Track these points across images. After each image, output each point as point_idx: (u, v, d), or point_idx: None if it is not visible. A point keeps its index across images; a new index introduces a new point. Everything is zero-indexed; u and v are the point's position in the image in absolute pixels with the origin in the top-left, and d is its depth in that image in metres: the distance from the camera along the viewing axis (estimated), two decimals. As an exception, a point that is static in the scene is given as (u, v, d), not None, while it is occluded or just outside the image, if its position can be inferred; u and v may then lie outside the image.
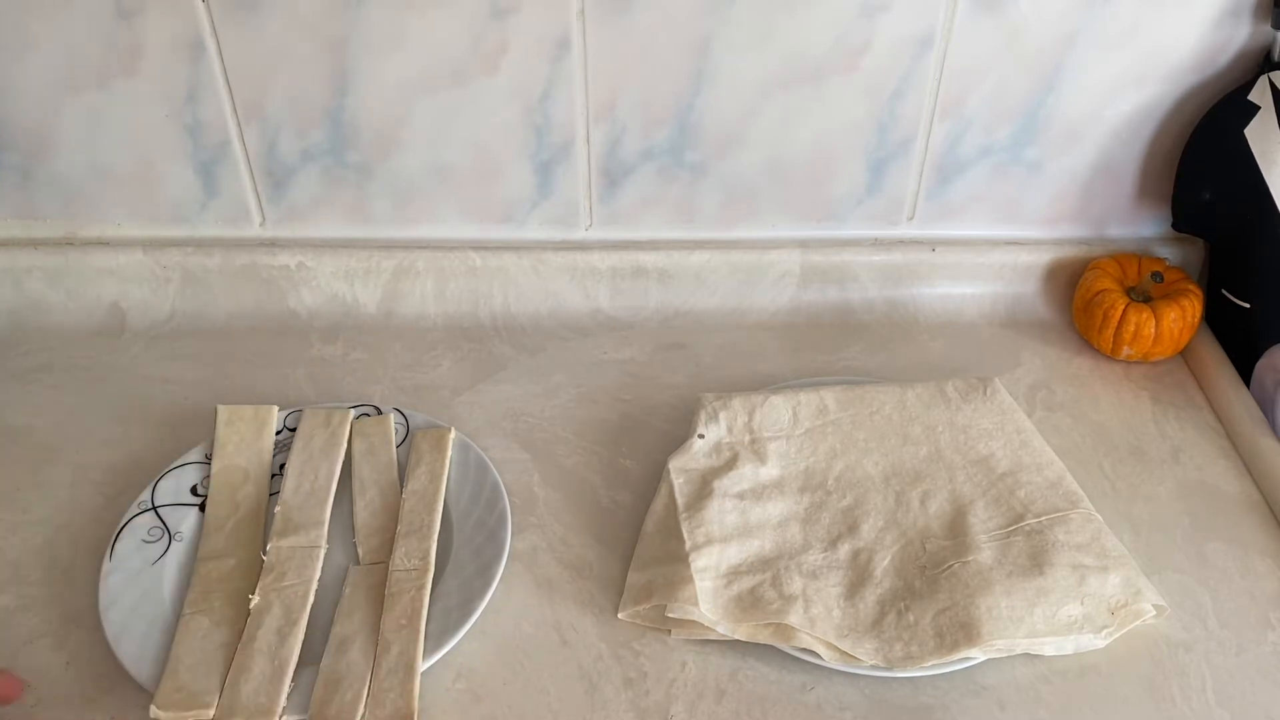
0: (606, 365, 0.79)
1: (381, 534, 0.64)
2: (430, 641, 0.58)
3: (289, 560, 0.62)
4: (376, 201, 0.82)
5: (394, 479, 0.68)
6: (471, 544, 0.64)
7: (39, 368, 0.78)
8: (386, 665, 0.57)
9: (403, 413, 0.72)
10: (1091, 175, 0.81)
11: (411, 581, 0.61)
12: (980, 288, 0.85)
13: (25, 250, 0.82)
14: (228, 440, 0.69)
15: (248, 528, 0.64)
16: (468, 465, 0.69)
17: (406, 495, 0.66)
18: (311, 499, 0.66)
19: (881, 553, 0.62)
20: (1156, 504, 0.68)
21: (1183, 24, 0.73)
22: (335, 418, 0.71)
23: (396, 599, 0.60)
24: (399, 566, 0.62)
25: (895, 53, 0.74)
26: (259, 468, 0.68)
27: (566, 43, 0.73)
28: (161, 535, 0.64)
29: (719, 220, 0.83)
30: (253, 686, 0.55)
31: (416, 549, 0.63)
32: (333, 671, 0.56)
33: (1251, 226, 0.74)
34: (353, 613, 0.60)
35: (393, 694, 0.55)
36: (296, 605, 0.60)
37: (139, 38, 0.73)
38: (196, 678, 0.56)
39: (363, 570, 0.62)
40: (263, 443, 0.69)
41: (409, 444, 0.70)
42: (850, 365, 0.79)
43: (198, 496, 0.67)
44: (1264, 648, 0.59)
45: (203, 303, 0.83)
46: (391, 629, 0.58)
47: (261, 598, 0.60)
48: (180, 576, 0.62)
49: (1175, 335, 0.76)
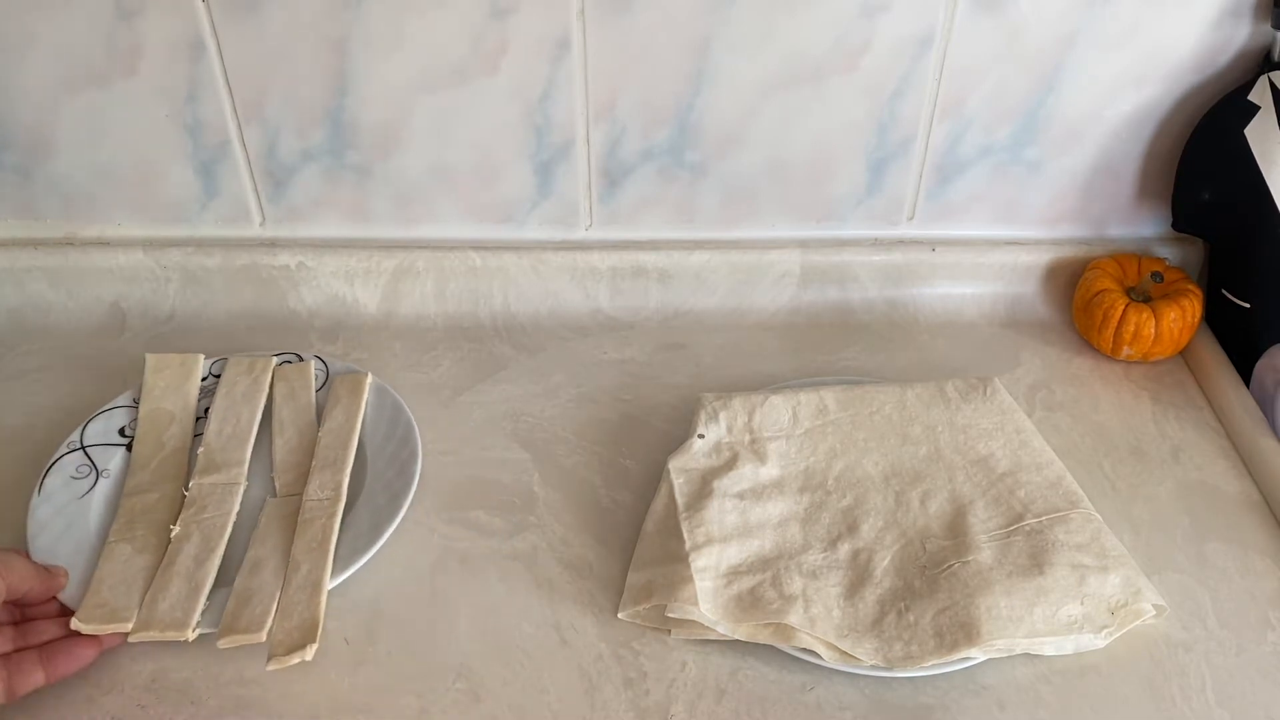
0: (606, 365, 0.79)
1: (298, 469, 0.68)
2: (339, 563, 0.62)
3: (210, 495, 0.66)
4: (376, 201, 0.82)
5: (312, 419, 0.71)
6: (383, 477, 0.67)
7: (39, 368, 0.78)
8: (295, 583, 0.60)
9: (323, 360, 0.75)
10: (1091, 175, 0.81)
11: (323, 510, 0.64)
12: (980, 288, 0.85)
13: (25, 250, 0.82)
14: (155, 385, 0.72)
15: (172, 465, 0.68)
16: (383, 407, 0.72)
17: (323, 433, 0.70)
18: (233, 440, 0.69)
19: (881, 552, 0.62)
20: (1156, 504, 0.68)
21: (1183, 24, 0.73)
22: (258, 365, 0.74)
23: (308, 525, 0.63)
24: (312, 497, 0.65)
25: (895, 53, 0.74)
26: (185, 410, 0.71)
27: (566, 43, 0.73)
28: (89, 472, 0.67)
29: (719, 220, 0.83)
30: (169, 603, 0.59)
31: (330, 481, 0.66)
32: (245, 589, 0.60)
33: (1251, 226, 0.74)
34: (267, 539, 0.63)
35: (300, 607, 0.59)
36: (215, 535, 0.63)
37: (139, 38, 0.73)
38: (117, 596, 0.59)
39: (279, 502, 0.66)
40: (189, 387, 0.73)
41: (328, 388, 0.73)
42: (850, 365, 0.79)
43: (125, 437, 0.70)
44: (1264, 648, 0.59)
45: (203, 303, 0.83)
46: (302, 551, 0.62)
47: (182, 528, 0.63)
48: (106, 510, 0.66)
49: (1175, 335, 0.76)
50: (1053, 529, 0.62)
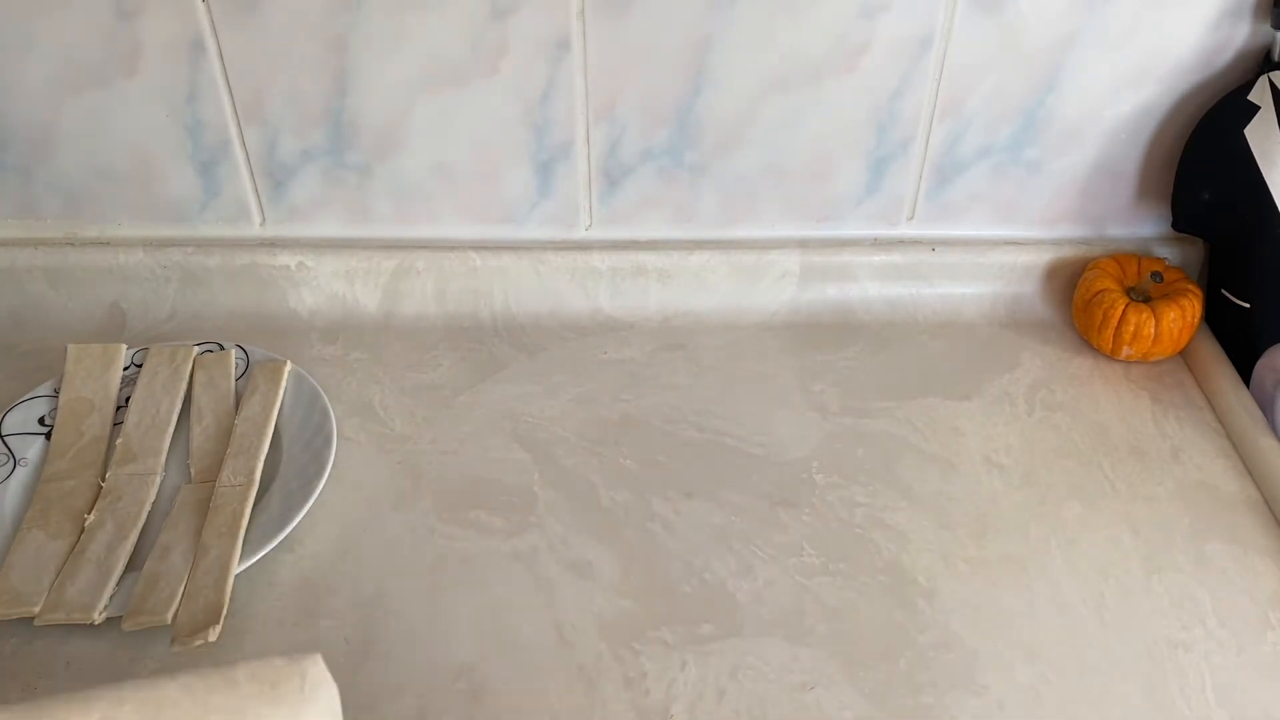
0: (606, 365, 0.79)
1: (213, 456, 0.69)
2: (249, 547, 0.62)
3: (126, 485, 0.66)
4: (376, 201, 0.82)
5: (230, 407, 0.72)
6: (297, 463, 0.68)
7: (39, 368, 0.78)
8: (203, 566, 0.61)
9: (244, 348, 0.76)
10: (1091, 175, 0.81)
11: (235, 495, 0.65)
12: (980, 288, 0.85)
13: (25, 250, 0.82)
14: (75, 375, 0.73)
15: (90, 454, 0.68)
16: (301, 394, 0.73)
17: (239, 421, 0.71)
18: (152, 430, 0.70)
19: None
20: (1156, 504, 0.68)
21: (1183, 24, 0.73)
22: (179, 354, 0.75)
23: (219, 511, 0.64)
24: (225, 483, 0.66)
25: (895, 53, 0.74)
26: (105, 400, 0.72)
27: (566, 43, 0.73)
28: (7, 460, 0.69)
29: (719, 220, 0.83)
30: (78, 588, 0.60)
31: (243, 467, 0.67)
32: (153, 573, 0.61)
33: (1251, 226, 0.74)
34: (178, 524, 0.64)
35: (206, 590, 0.59)
36: (129, 523, 0.64)
37: (139, 38, 0.73)
38: (26, 581, 0.60)
39: (192, 488, 0.67)
40: (110, 377, 0.73)
41: (248, 376, 0.74)
42: (850, 365, 0.79)
43: (45, 426, 0.71)
44: (1264, 648, 0.59)
45: (203, 303, 0.83)
46: (212, 536, 0.63)
47: (96, 517, 0.64)
48: (23, 497, 0.66)
49: (1175, 335, 0.76)
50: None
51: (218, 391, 0.73)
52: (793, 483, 0.70)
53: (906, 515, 0.67)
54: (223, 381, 0.73)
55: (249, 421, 0.70)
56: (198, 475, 0.68)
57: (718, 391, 0.76)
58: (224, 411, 0.72)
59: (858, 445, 0.72)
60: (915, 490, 0.69)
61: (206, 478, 0.67)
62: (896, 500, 0.68)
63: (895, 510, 0.68)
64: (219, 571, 0.60)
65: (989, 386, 0.77)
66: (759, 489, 0.69)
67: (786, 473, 0.70)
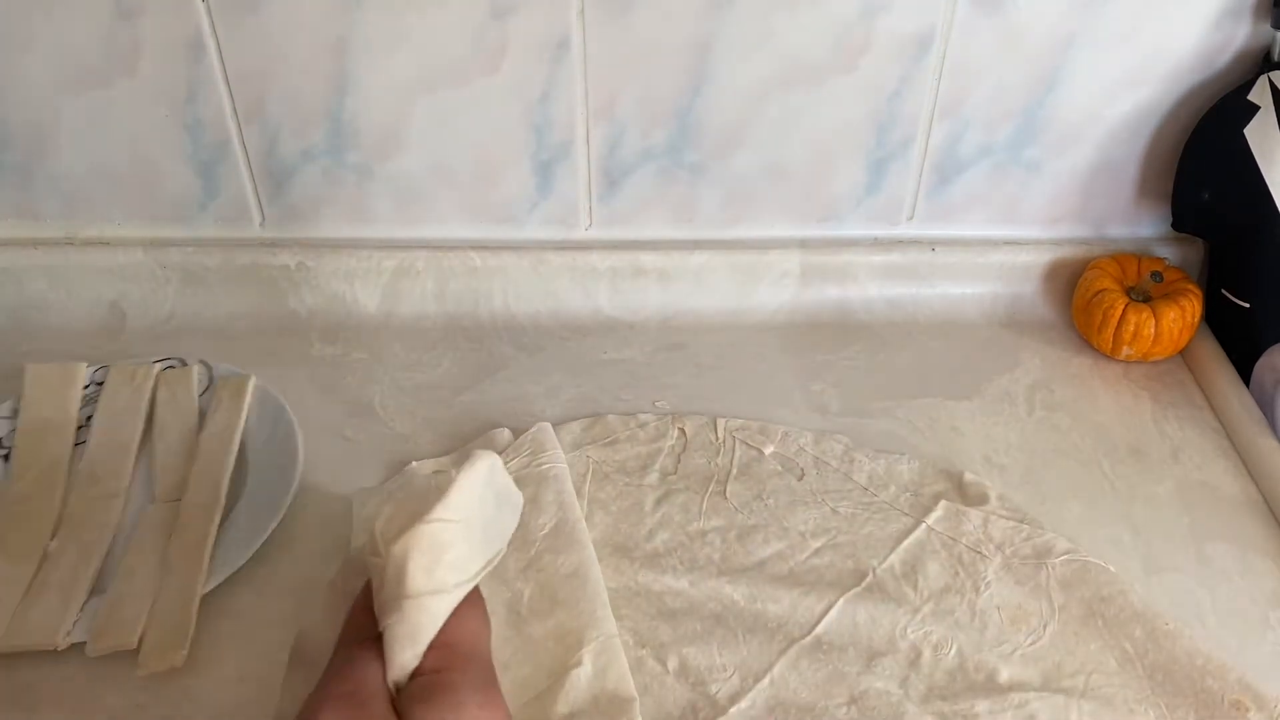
0: (606, 365, 0.79)
1: (178, 473, 0.67)
2: (215, 567, 0.60)
3: (89, 508, 0.65)
4: (376, 201, 0.82)
5: (194, 425, 0.70)
6: (264, 480, 0.66)
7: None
8: (170, 587, 0.59)
9: (207, 364, 0.75)
10: (1091, 175, 0.81)
11: (201, 515, 0.63)
12: (980, 288, 0.85)
13: (25, 250, 0.82)
14: (34, 396, 0.71)
15: (51, 476, 0.66)
16: (265, 410, 0.71)
17: (203, 438, 0.69)
18: (114, 450, 0.68)
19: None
20: (1156, 504, 0.68)
21: (1182, 24, 0.73)
22: (140, 372, 0.73)
23: (185, 530, 0.62)
24: (190, 502, 0.64)
25: (895, 53, 0.74)
26: (65, 421, 0.70)
27: (566, 43, 0.73)
28: None
29: (719, 220, 0.83)
30: (40, 613, 0.58)
31: (208, 484, 0.65)
32: (118, 596, 0.59)
33: (1251, 226, 0.74)
34: (144, 545, 0.62)
35: (173, 613, 0.58)
36: (93, 546, 0.62)
37: (139, 38, 0.73)
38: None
39: (157, 507, 0.65)
40: (70, 397, 0.71)
41: (211, 392, 0.73)
42: (850, 365, 0.79)
43: (3, 448, 0.69)
44: (1264, 648, 0.59)
45: (203, 303, 0.83)
46: (178, 557, 0.61)
47: (59, 542, 0.62)
48: None
49: (1175, 335, 0.76)
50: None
51: (180, 409, 0.71)
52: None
53: (906, 515, 0.67)
54: (185, 398, 0.72)
55: (213, 439, 0.68)
56: (162, 494, 0.66)
57: (718, 391, 0.76)
58: (188, 429, 0.70)
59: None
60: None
61: (171, 497, 0.65)
62: (896, 500, 0.68)
63: (895, 510, 0.68)
64: (185, 593, 0.58)
65: (989, 386, 0.77)
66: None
67: (786, 473, 0.70)
